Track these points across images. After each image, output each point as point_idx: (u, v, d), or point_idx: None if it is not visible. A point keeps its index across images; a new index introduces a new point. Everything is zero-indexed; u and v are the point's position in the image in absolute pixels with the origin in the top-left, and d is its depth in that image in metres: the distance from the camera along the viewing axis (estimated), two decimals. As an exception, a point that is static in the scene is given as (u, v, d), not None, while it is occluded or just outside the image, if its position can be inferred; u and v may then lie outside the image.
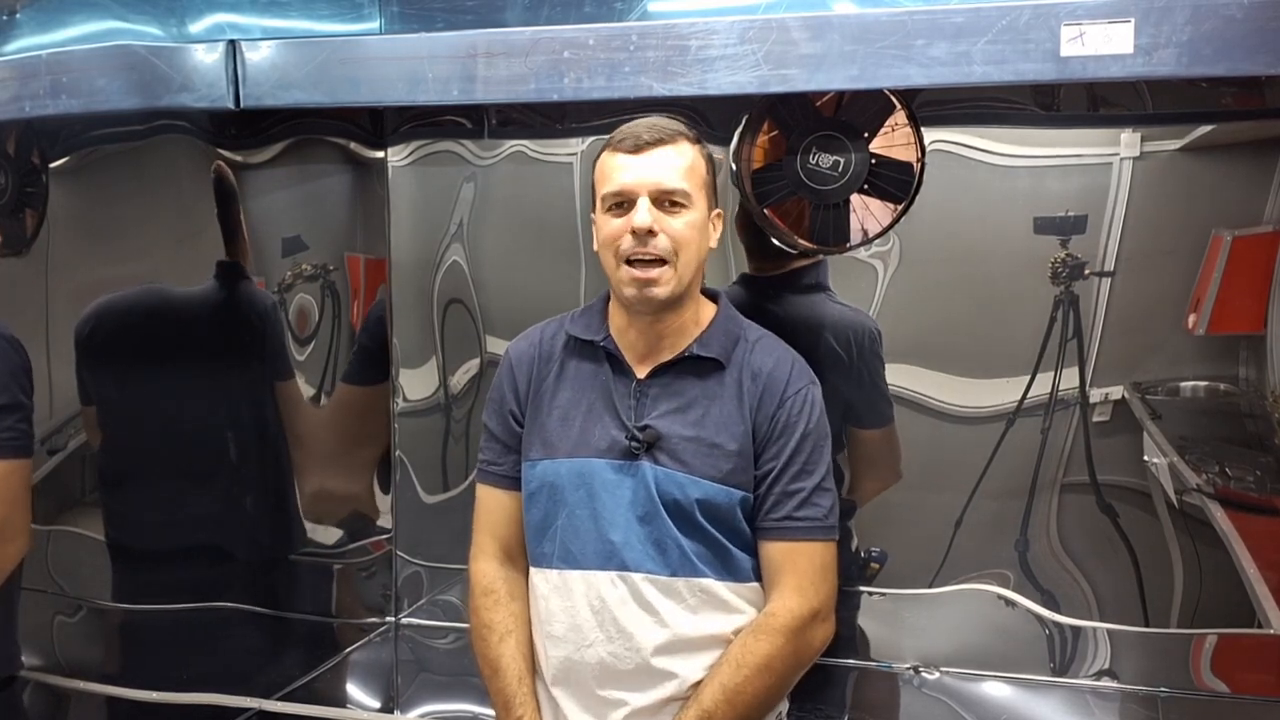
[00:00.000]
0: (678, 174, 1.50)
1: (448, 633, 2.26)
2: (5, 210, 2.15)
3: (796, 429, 1.54)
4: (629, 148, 1.50)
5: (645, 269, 1.49)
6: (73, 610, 2.27)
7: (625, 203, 1.50)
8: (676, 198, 1.50)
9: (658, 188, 1.49)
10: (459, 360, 2.23)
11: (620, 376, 1.57)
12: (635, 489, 1.51)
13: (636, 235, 1.48)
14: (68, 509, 2.19)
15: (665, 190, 1.49)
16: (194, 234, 2.09)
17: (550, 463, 1.56)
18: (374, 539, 2.31)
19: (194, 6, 1.91)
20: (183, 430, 2.14)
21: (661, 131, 1.51)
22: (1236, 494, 1.83)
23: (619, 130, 1.54)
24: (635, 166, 1.50)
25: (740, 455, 1.53)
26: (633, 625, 1.51)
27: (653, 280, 1.49)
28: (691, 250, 1.51)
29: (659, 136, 1.50)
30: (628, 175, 1.50)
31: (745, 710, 1.48)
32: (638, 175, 1.49)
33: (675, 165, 1.50)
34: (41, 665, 2.15)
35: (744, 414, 1.54)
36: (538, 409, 1.60)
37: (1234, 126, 1.79)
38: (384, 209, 2.19)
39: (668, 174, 1.49)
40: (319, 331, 2.22)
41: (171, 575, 2.17)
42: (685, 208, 1.50)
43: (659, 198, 1.49)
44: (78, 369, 2.11)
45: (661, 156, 1.50)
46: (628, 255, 1.49)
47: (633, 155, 1.50)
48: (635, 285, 1.50)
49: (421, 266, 2.20)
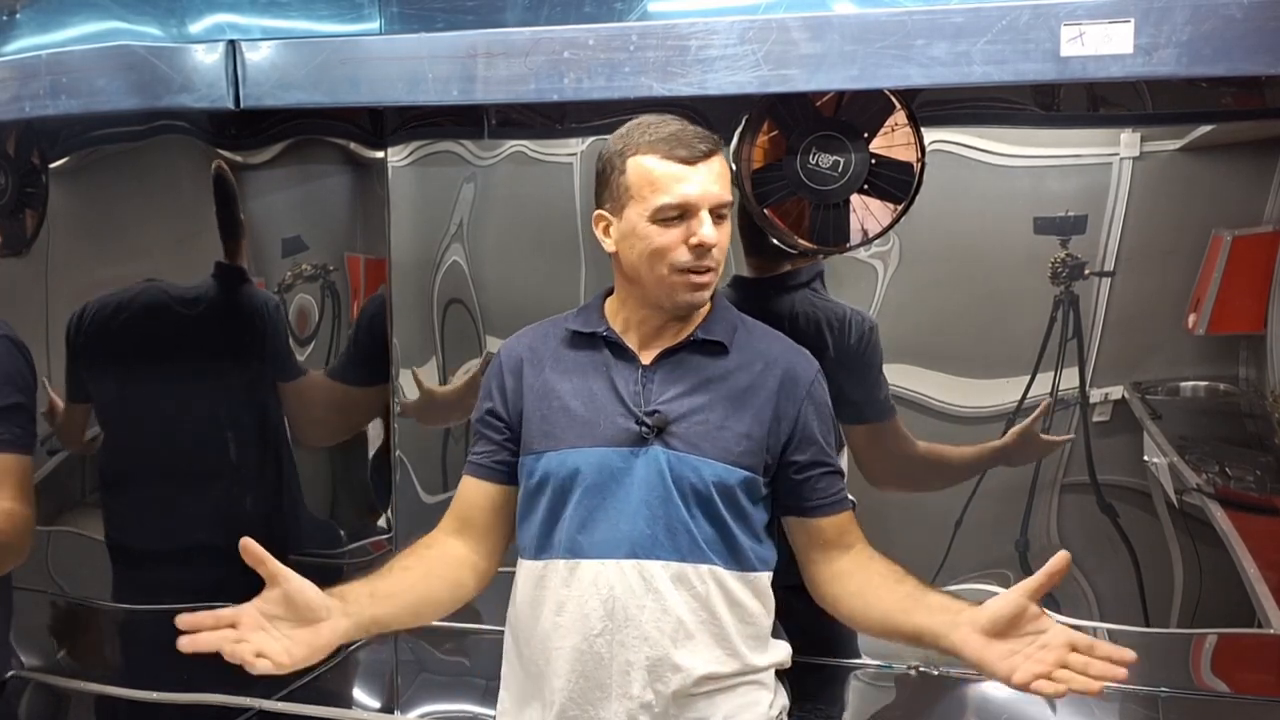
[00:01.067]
0: (727, 186, 1.51)
1: (448, 633, 2.26)
2: (5, 210, 2.15)
3: (825, 410, 1.60)
4: (687, 157, 1.48)
5: (701, 275, 1.50)
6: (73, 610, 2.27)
7: (682, 214, 1.48)
8: (724, 210, 1.51)
9: (718, 201, 1.49)
10: (459, 360, 2.23)
11: (624, 364, 1.58)
12: (647, 474, 1.52)
13: (698, 249, 1.48)
14: (68, 509, 2.19)
15: (722, 204, 1.50)
16: (194, 234, 2.09)
17: (554, 454, 1.56)
18: (374, 539, 2.32)
19: (194, 6, 1.91)
20: (183, 430, 2.14)
21: (709, 140, 1.50)
22: (1236, 494, 1.83)
23: (654, 133, 1.50)
24: (695, 179, 1.48)
25: (750, 437, 1.54)
26: (642, 614, 1.51)
27: (705, 285, 1.52)
28: (726, 256, 1.55)
29: (710, 147, 1.49)
30: (690, 188, 1.47)
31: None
32: (701, 189, 1.47)
33: (724, 176, 1.51)
34: (41, 665, 2.16)
35: (756, 396, 1.55)
36: (535, 404, 1.60)
37: (1234, 126, 1.79)
38: (384, 209, 2.19)
39: (721, 186, 1.50)
40: (319, 332, 2.22)
41: (171, 575, 2.17)
42: (728, 218, 1.52)
43: (715, 209, 1.49)
44: (70, 367, 2.11)
45: (715, 167, 1.49)
46: (685, 266, 1.49)
47: (689, 166, 1.48)
48: (690, 292, 1.51)
49: (421, 266, 2.20)
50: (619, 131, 1.54)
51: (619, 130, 1.54)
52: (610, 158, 1.53)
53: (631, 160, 1.50)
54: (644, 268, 1.51)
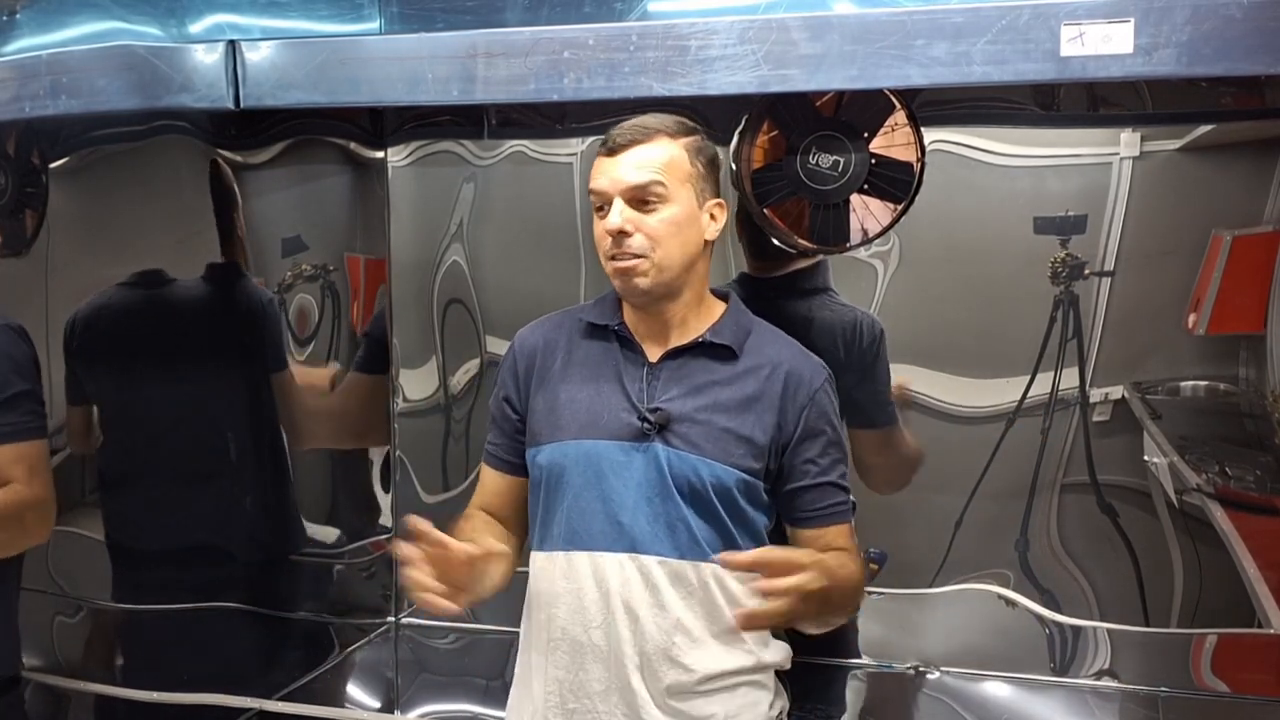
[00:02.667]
0: (650, 171, 1.51)
1: (448, 633, 2.26)
2: (5, 210, 2.15)
3: (829, 420, 1.58)
4: (606, 150, 1.54)
5: (625, 262, 1.51)
6: (73, 610, 2.27)
7: (605, 205, 1.53)
8: (648, 195, 1.51)
9: (630, 186, 1.51)
10: (459, 360, 2.23)
11: (632, 359, 1.59)
12: (646, 470, 1.52)
13: (612, 236, 1.51)
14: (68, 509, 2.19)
15: (635, 188, 1.51)
16: (194, 234, 2.09)
17: (557, 445, 1.57)
18: (374, 539, 2.32)
19: (194, 7, 1.91)
20: (182, 431, 2.14)
21: (637, 131, 1.53)
22: (1236, 494, 1.83)
23: (612, 129, 1.56)
24: (609, 169, 1.52)
25: (752, 441, 1.54)
26: (639, 607, 1.51)
27: (630, 270, 1.51)
28: (673, 244, 1.52)
29: (633, 137, 1.52)
30: (602, 178, 1.53)
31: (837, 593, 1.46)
32: (610, 177, 1.52)
33: (648, 163, 1.51)
34: (42, 665, 2.16)
35: (761, 402, 1.55)
36: (544, 394, 1.61)
37: (1234, 126, 1.79)
38: (384, 209, 2.19)
39: (638, 173, 1.51)
40: (319, 332, 2.22)
41: (171, 575, 2.17)
42: (661, 203, 1.51)
43: (632, 197, 1.51)
44: (70, 370, 2.11)
45: (635, 156, 1.51)
46: (609, 254, 1.53)
47: (609, 158, 1.53)
48: (618, 277, 1.54)
49: (421, 266, 2.21)
50: None
51: None
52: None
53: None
54: (600, 258, 1.56)
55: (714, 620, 1.53)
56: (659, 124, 1.54)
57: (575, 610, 1.55)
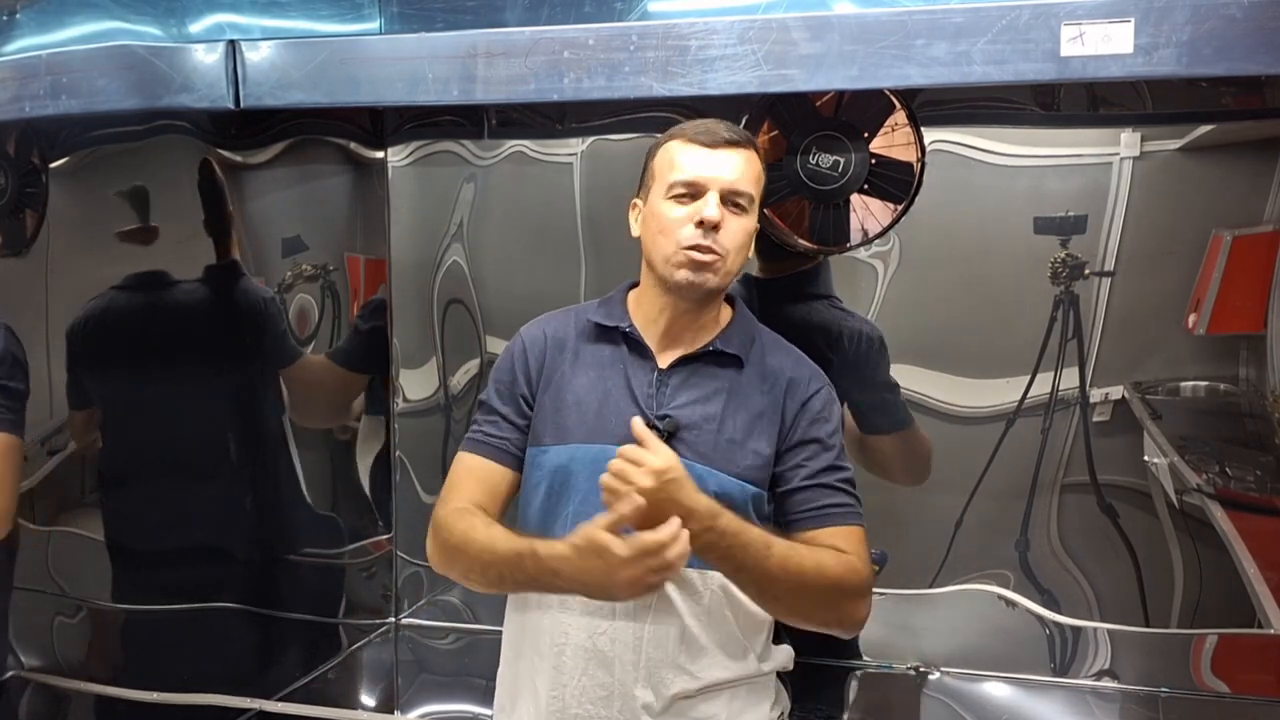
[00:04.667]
0: (748, 178, 1.52)
1: (448, 633, 2.26)
2: (5, 210, 2.15)
3: (823, 425, 1.57)
4: (707, 141, 1.52)
5: (704, 254, 1.50)
6: (73, 610, 2.26)
7: (694, 194, 1.51)
8: (742, 200, 1.51)
9: (730, 186, 1.50)
10: (459, 360, 2.23)
11: (641, 364, 1.57)
12: None
13: (703, 227, 1.49)
14: (68, 509, 2.19)
15: (735, 191, 1.51)
16: (194, 234, 2.09)
17: (563, 448, 1.56)
18: (374, 539, 2.32)
19: (194, 6, 1.91)
20: (183, 431, 2.14)
21: (738, 133, 1.53)
22: (1236, 494, 1.83)
23: (690, 124, 1.55)
24: (711, 161, 1.51)
25: (757, 452, 1.53)
26: (646, 615, 1.51)
27: (707, 265, 1.50)
28: (741, 254, 1.54)
29: (736, 138, 1.52)
30: (702, 168, 1.51)
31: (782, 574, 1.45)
32: (714, 170, 1.51)
33: (746, 168, 1.52)
34: (41, 666, 2.16)
35: (766, 413, 1.55)
36: (550, 395, 1.60)
37: (1234, 126, 1.79)
38: (384, 209, 2.19)
39: (740, 175, 1.51)
40: (319, 332, 2.22)
41: (171, 575, 2.17)
42: (745, 212, 1.52)
43: (727, 196, 1.50)
44: (72, 372, 2.11)
45: (736, 156, 1.52)
46: (689, 244, 1.50)
47: (710, 149, 1.51)
48: (692, 268, 1.50)
49: (421, 266, 2.20)
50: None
51: None
52: (651, 148, 1.59)
53: (664, 146, 1.56)
54: (655, 245, 1.53)
55: (718, 626, 1.53)
56: (748, 134, 1.55)
57: (581, 615, 1.53)
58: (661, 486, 1.37)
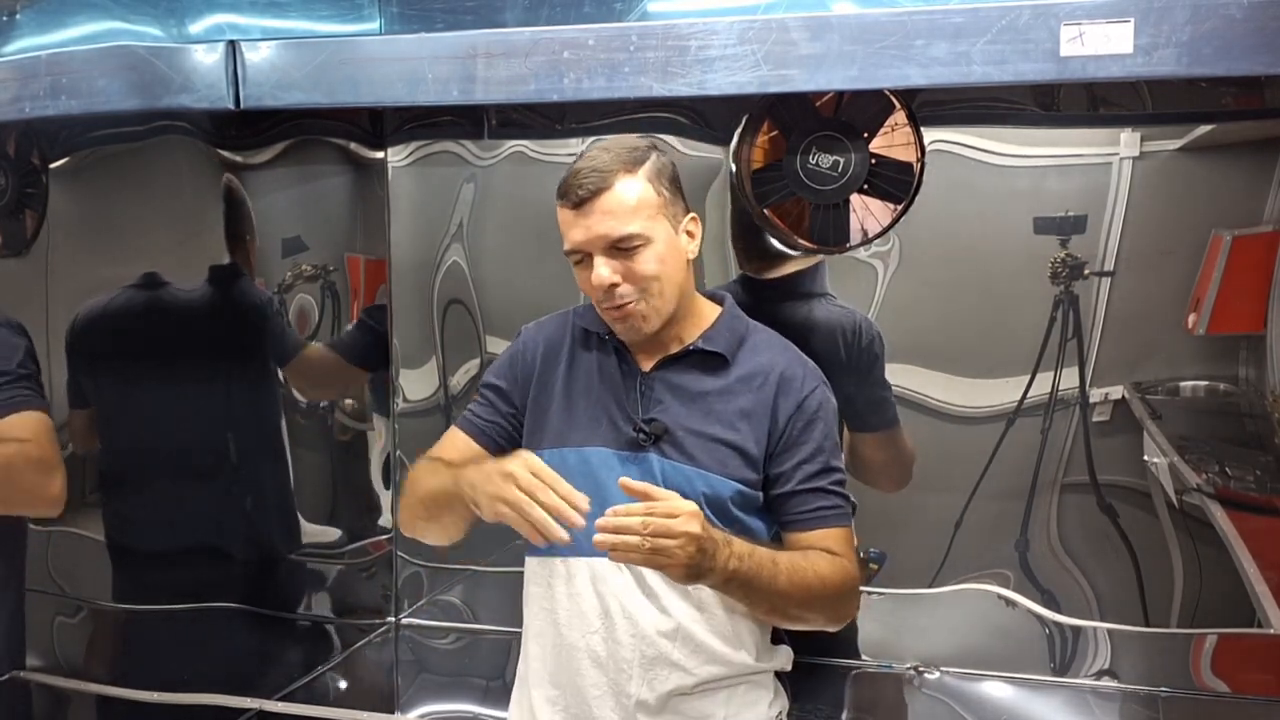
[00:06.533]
0: (623, 219, 1.48)
1: (448, 633, 2.26)
2: (5, 210, 2.15)
3: (818, 426, 1.56)
4: (572, 202, 1.49)
5: (620, 310, 1.51)
6: (73, 610, 2.27)
7: (584, 256, 1.51)
8: (628, 244, 1.48)
9: (605, 240, 1.48)
10: (459, 360, 2.23)
11: (625, 369, 1.58)
12: (642, 481, 1.51)
13: (603, 290, 1.49)
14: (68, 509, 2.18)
15: (613, 240, 1.48)
16: (194, 234, 2.09)
17: (554, 451, 1.56)
18: (374, 539, 2.32)
19: (194, 7, 1.91)
20: (183, 431, 2.14)
21: (596, 179, 1.48)
22: (1236, 494, 1.83)
23: (567, 176, 1.52)
24: (580, 224, 1.49)
25: (745, 451, 1.53)
26: (637, 611, 1.51)
27: (627, 316, 1.51)
28: (665, 278, 1.51)
29: (596, 186, 1.47)
30: (576, 233, 1.50)
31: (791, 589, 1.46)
32: (585, 233, 1.49)
33: (619, 210, 1.48)
34: (42, 665, 2.16)
35: (754, 411, 1.54)
36: (542, 398, 1.61)
37: (1234, 126, 1.79)
38: (384, 209, 2.19)
39: (612, 224, 1.47)
40: (319, 332, 2.22)
41: (171, 575, 2.17)
42: (643, 245, 1.49)
43: (610, 247, 1.48)
44: (71, 372, 2.11)
45: (602, 205, 1.47)
46: (605, 305, 1.52)
47: (574, 211, 1.49)
48: (620, 324, 1.53)
49: (421, 267, 2.20)
50: None
51: None
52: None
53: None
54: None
55: (713, 624, 1.53)
56: (613, 162, 1.49)
57: (573, 616, 1.54)
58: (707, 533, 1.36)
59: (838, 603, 1.54)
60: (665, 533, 1.32)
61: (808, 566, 1.49)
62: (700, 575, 1.38)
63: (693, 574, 1.37)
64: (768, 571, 1.44)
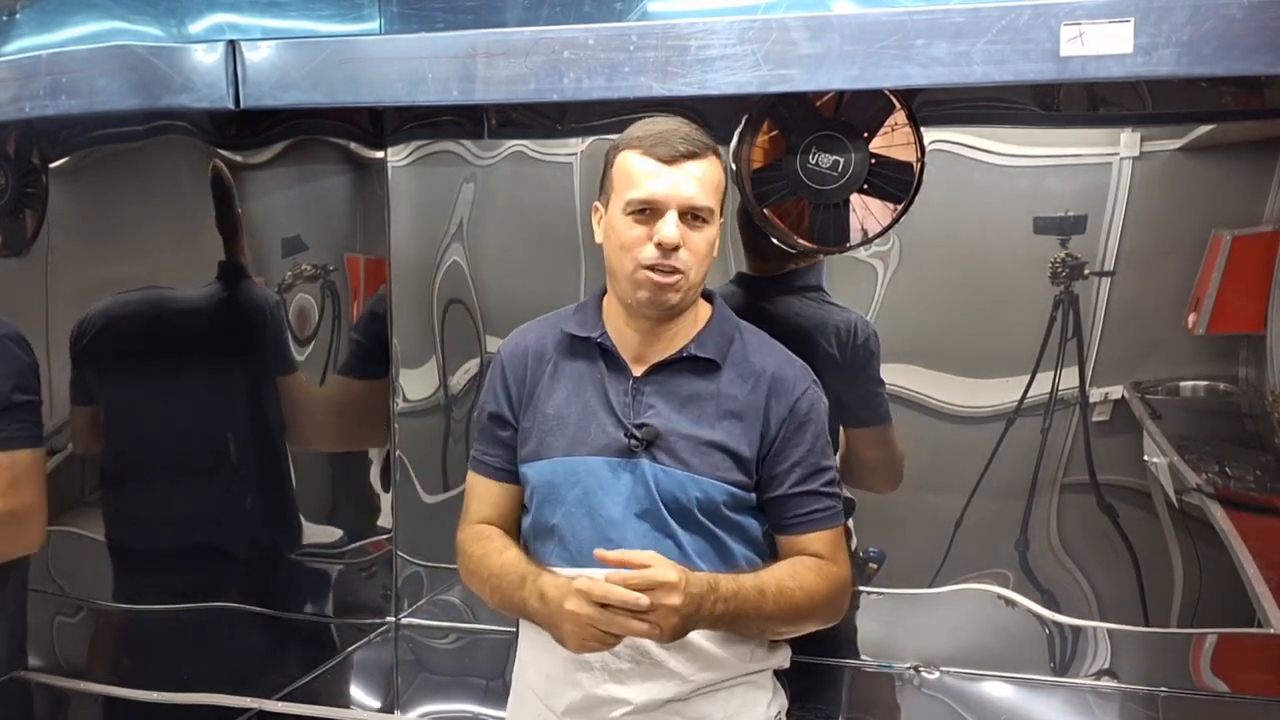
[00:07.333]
0: (707, 191, 1.48)
1: (448, 633, 2.26)
2: (5, 210, 2.15)
3: (809, 428, 1.56)
4: (663, 155, 1.46)
5: (664, 276, 1.47)
6: (73, 610, 2.27)
7: (652, 211, 1.47)
8: (703, 215, 1.48)
9: (689, 204, 1.46)
10: (459, 360, 2.23)
11: (616, 374, 1.57)
12: (634, 487, 1.51)
13: (661, 248, 1.46)
14: (68, 509, 2.19)
15: (694, 207, 1.47)
16: (194, 234, 2.09)
17: (545, 463, 1.56)
18: (374, 539, 2.32)
19: (194, 7, 1.91)
20: (183, 430, 2.14)
21: (695, 143, 1.47)
22: (1236, 494, 1.83)
23: (646, 130, 1.49)
24: (667, 177, 1.46)
25: (737, 454, 1.53)
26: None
27: (668, 286, 1.48)
28: (704, 264, 1.51)
29: (693, 149, 1.46)
30: (659, 186, 1.46)
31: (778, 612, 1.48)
32: (670, 188, 1.46)
33: (705, 181, 1.47)
34: (42, 665, 2.16)
35: (746, 414, 1.54)
36: (532, 409, 1.60)
37: (1234, 126, 1.79)
38: (384, 209, 2.19)
39: (698, 190, 1.46)
40: (319, 332, 2.22)
41: (171, 575, 2.17)
42: (707, 224, 1.49)
43: (686, 212, 1.46)
44: (74, 371, 2.11)
45: (694, 170, 1.46)
46: (649, 263, 1.47)
47: (665, 165, 1.46)
48: (651, 290, 1.48)
49: (421, 266, 2.21)
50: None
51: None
52: (609, 151, 1.54)
53: (620, 155, 1.51)
54: (616, 261, 1.52)
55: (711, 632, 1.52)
56: (707, 139, 1.50)
57: None
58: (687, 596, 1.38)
59: (826, 612, 1.55)
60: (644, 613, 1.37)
61: (795, 587, 1.49)
62: (686, 631, 1.42)
63: (678, 635, 1.40)
64: (754, 603, 1.46)
